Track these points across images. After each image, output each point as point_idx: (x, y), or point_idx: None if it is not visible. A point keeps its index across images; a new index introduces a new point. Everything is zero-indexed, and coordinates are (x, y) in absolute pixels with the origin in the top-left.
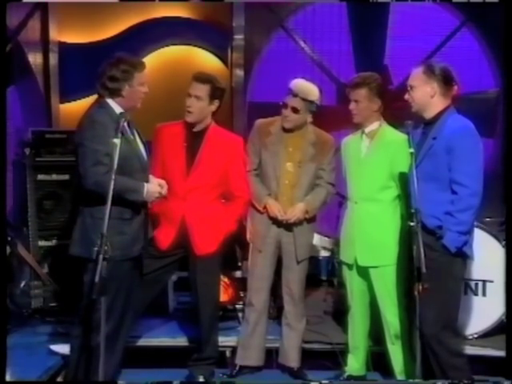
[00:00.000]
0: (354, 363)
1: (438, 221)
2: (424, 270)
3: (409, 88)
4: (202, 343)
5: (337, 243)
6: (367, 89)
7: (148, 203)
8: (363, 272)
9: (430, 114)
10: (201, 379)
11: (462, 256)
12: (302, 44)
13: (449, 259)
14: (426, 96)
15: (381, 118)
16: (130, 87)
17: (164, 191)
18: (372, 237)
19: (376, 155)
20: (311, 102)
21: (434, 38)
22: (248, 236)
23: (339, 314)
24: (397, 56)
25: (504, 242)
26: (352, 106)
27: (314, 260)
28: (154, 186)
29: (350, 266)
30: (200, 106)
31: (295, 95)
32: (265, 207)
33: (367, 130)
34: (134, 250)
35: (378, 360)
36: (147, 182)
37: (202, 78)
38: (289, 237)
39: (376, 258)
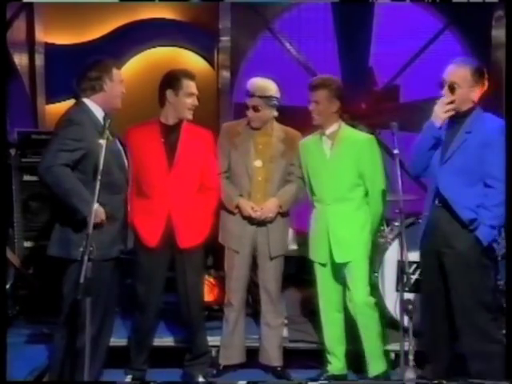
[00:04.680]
0: (336, 363)
1: (474, 213)
2: (407, 269)
3: (449, 85)
4: (194, 342)
5: (305, 242)
6: (327, 90)
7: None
8: (338, 269)
9: (465, 107)
10: (200, 379)
11: (491, 250)
12: (288, 45)
13: (478, 252)
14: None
15: (339, 119)
16: (110, 81)
17: (102, 219)
18: (347, 234)
19: (341, 156)
20: (269, 97)
21: (418, 40)
22: (220, 237)
23: None
24: (382, 57)
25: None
26: (312, 106)
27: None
28: (101, 211)
29: (323, 266)
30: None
31: (252, 95)
32: (237, 207)
33: (328, 131)
34: (114, 251)
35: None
36: (126, 183)
37: (192, 74)
38: (264, 235)
39: (352, 253)
